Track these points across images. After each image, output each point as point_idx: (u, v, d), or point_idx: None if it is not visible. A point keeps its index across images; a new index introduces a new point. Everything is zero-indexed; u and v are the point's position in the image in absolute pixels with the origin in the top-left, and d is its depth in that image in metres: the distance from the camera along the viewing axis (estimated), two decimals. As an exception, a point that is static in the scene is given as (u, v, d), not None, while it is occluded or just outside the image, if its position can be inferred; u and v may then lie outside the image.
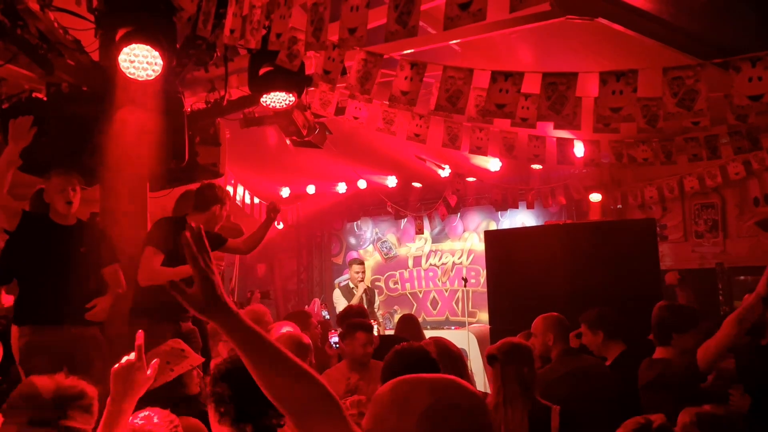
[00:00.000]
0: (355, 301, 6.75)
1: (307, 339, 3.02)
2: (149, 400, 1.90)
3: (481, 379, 5.92)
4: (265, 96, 3.75)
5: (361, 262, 7.53)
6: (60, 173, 3.54)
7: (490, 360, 2.87)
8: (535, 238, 5.29)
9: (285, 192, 9.27)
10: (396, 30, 2.06)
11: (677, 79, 2.41)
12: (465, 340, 7.08)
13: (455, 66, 3.07)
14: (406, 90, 3.07)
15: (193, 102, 4.34)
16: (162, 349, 2.43)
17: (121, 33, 3.26)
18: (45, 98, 3.65)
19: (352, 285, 7.24)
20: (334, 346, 4.91)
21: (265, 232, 4.25)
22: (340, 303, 6.97)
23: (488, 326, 5.69)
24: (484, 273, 7.75)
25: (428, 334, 5.43)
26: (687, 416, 2.22)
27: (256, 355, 1.16)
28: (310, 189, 9.26)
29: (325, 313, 8.68)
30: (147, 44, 3.18)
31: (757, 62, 2.31)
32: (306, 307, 8.60)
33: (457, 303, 9.23)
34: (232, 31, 3.02)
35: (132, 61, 3.30)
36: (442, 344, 2.91)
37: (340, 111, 4.73)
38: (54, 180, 3.54)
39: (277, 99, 3.82)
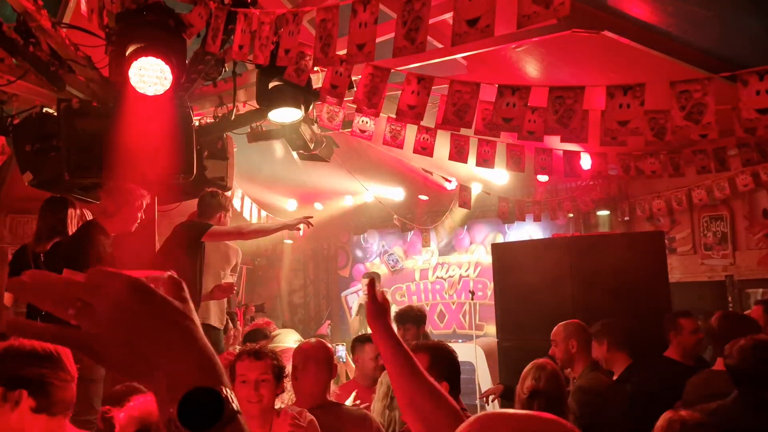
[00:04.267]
0: None
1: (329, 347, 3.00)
2: None
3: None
4: (273, 112, 3.78)
5: None
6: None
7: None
8: (543, 251, 5.26)
9: (292, 205, 9.31)
10: (404, 46, 2.07)
11: (685, 93, 2.40)
12: (472, 353, 7.04)
13: (462, 80, 3.08)
14: (413, 104, 3.08)
15: (201, 116, 4.38)
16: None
17: (131, 49, 3.31)
18: (56, 113, 3.69)
19: None
20: (340, 360, 4.89)
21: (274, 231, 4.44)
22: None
23: (496, 339, 5.65)
24: (491, 285, 7.73)
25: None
26: (662, 420, 2.19)
27: None
28: (318, 206, 9.29)
29: (329, 329, 8.71)
30: (158, 58, 3.22)
31: (764, 75, 2.31)
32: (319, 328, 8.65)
33: (464, 316, 9.20)
34: (240, 47, 3.05)
35: (142, 76, 3.34)
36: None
37: (347, 124, 4.75)
38: None
39: (284, 115, 3.85)
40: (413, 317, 4.35)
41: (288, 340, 4.69)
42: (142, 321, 0.63)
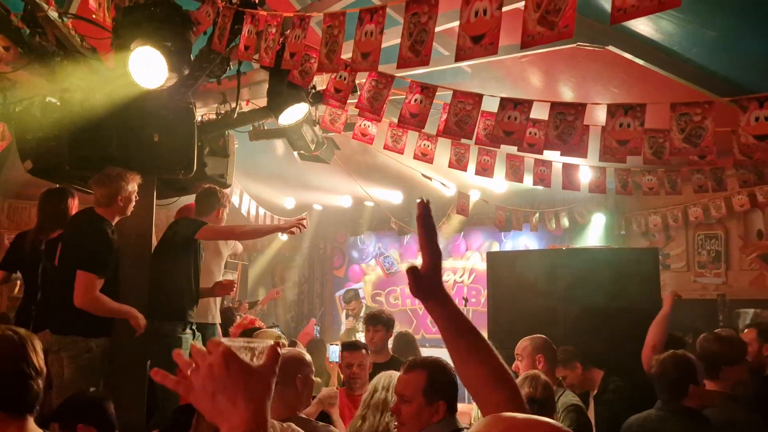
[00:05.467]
0: None
1: (308, 356, 2.97)
2: None
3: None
4: (281, 115, 3.81)
5: None
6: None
7: None
8: (538, 262, 5.27)
9: (290, 203, 9.31)
10: (409, 57, 2.09)
11: (684, 116, 2.42)
12: (463, 359, 7.04)
13: (465, 91, 3.09)
14: (415, 112, 3.09)
15: (203, 113, 4.38)
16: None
17: (135, 42, 3.33)
18: (58, 103, 3.70)
19: None
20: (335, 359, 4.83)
21: (268, 233, 4.48)
22: None
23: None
24: (485, 293, 7.74)
25: (427, 352, 5.34)
26: None
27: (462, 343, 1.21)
28: (317, 206, 9.31)
29: (317, 330, 8.70)
30: (159, 51, 3.23)
31: (764, 102, 2.33)
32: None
33: (456, 321, 9.21)
34: (246, 48, 3.06)
35: (142, 68, 3.35)
36: None
37: (348, 127, 4.76)
38: None
39: (289, 116, 3.88)
40: (384, 320, 4.29)
41: (268, 338, 4.66)
42: (222, 383, 0.85)
